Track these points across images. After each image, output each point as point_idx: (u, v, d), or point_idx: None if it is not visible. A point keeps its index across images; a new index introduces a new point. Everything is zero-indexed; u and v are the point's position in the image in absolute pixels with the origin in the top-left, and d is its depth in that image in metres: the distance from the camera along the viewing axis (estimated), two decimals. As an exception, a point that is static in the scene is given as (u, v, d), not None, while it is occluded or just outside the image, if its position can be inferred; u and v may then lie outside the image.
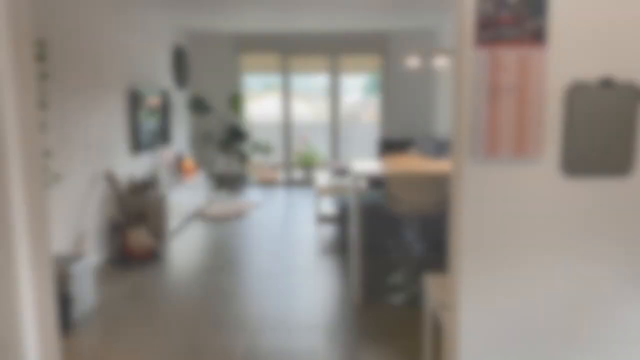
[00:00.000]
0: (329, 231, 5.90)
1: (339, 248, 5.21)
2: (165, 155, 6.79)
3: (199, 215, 6.62)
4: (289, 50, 8.52)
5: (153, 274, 4.55)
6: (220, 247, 5.34)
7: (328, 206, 6.91)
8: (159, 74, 6.69)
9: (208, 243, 5.48)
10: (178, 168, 6.92)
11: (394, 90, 8.55)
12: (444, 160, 4.38)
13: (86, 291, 3.74)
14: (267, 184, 8.99)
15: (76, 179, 4.42)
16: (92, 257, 4.63)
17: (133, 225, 4.92)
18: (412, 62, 4.11)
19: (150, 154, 6.19)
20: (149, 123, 6.04)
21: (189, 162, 7.17)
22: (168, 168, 6.40)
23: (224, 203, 7.20)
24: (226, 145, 8.12)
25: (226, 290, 4.14)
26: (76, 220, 4.41)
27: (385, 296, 3.99)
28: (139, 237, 4.90)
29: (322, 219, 6.40)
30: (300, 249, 5.21)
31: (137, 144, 5.75)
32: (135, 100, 5.68)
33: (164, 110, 6.55)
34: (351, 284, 4.17)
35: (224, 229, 6.05)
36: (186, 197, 6.32)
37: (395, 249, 4.95)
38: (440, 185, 3.58)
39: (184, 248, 5.31)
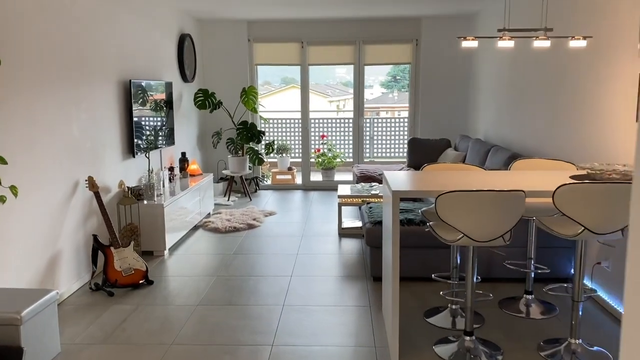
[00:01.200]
0: (353, 247, 5.02)
1: (366, 271, 4.32)
2: (167, 157, 5.97)
3: (204, 226, 5.78)
4: (308, 39, 7.63)
5: (141, 306, 3.72)
6: (226, 268, 4.49)
7: (352, 217, 6.03)
8: (161, 65, 5.86)
9: (212, 263, 4.63)
10: (181, 172, 6.10)
11: (427, 84, 7.61)
12: (502, 170, 3.47)
13: (46, 337, 2.91)
14: (283, 187, 8.12)
15: (47, 191, 3.60)
16: (64, 287, 3.82)
17: (120, 243, 4.10)
18: (468, 44, 3.21)
19: (149, 157, 5.36)
20: (148, 121, 5.21)
21: (195, 164, 6.34)
22: (169, 172, 5.58)
23: (233, 211, 6.36)
24: (237, 145, 7.28)
25: (228, 332, 3.28)
26: (46, 242, 3.59)
27: (427, 342, 3.10)
28: (127, 258, 4.08)
29: (345, 233, 5.52)
30: (319, 273, 4.34)
31: (132, 146, 4.93)
32: (130, 95, 4.86)
33: (167, 106, 5.73)
34: (384, 327, 3.29)
35: (232, 243, 5.20)
36: (189, 205, 5.49)
37: (438, 276, 4.04)
38: (511, 209, 2.67)
39: (183, 270, 4.47)
